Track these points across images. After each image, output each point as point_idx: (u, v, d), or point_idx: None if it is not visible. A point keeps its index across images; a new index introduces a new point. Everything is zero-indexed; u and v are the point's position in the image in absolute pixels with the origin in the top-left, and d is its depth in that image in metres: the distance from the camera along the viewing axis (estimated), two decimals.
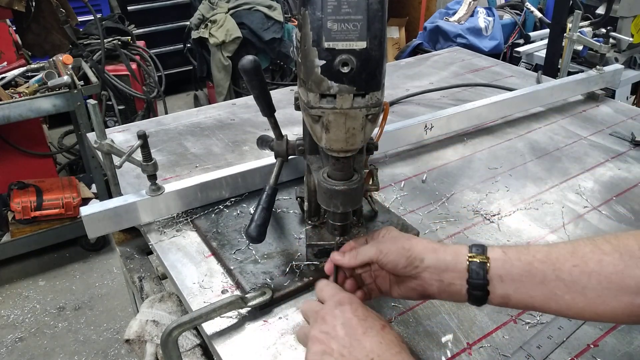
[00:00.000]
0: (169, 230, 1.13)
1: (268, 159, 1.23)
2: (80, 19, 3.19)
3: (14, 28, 2.88)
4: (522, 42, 3.73)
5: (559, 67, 1.92)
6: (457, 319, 0.91)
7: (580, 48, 2.83)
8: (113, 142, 1.08)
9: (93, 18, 3.13)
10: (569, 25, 1.76)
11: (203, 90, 4.57)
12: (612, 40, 1.81)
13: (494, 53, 3.61)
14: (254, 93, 0.92)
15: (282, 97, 1.81)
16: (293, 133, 1.46)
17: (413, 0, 5.11)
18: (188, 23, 4.06)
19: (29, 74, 2.73)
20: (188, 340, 0.97)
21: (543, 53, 3.00)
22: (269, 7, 3.83)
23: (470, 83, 1.93)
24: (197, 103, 4.60)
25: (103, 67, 3.21)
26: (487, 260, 0.71)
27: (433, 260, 0.74)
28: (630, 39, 2.60)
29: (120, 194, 1.19)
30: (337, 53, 0.65)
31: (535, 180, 1.35)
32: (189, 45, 4.22)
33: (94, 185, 2.99)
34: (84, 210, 1.07)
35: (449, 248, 0.75)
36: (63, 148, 3.67)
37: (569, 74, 1.82)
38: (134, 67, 3.43)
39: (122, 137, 1.54)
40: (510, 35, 3.92)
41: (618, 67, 1.85)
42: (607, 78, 1.82)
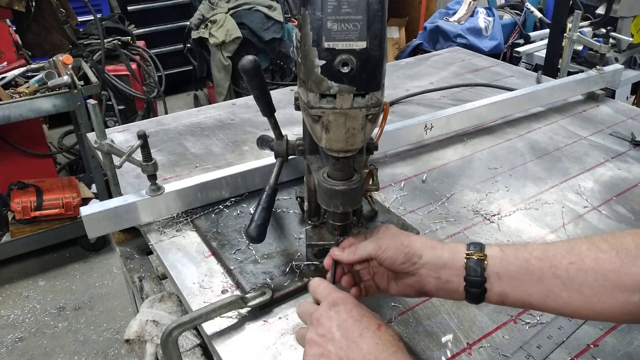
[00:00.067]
0: (169, 230, 1.13)
1: (268, 159, 1.23)
2: (80, 19, 3.19)
3: (14, 28, 2.88)
4: (522, 42, 3.73)
5: (559, 67, 1.92)
6: (457, 319, 0.91)
7: (580, 48, 2.83)
8: (113, 142, 1.08)
9: (93, 18, 3.14)
10: (569, 25, 1.76)
11: (203, 90, 4.57)
12: (612, 40, 1.81)
13: (494, 53, 3.61)
14: (254, 93, 0.92)
15: (282, 97, 1.81)
16: (293, 133, 1.46)
17: (413, 0, 5.11)
18: (188, 23, 4.06)
19: (29, 74, 2.73)
20: (188, 340, 0.97)
21: (543, 53, 3.00)
22: (269, 7, 3.83)
23: (470, 83, 1.93)
24: (197, 103, 4.60)
25: (103, 67, 3.21)
26: (484, 258, 0.71)
27: (431, 257, 0.74)
28: (630, 39, 2.60)
29: (120, 194, 1.19)
30: (337, 53, 0.65)
31: (535, 180, 1.35)
32: (189, 45, 4.22)
33: (94, 185, 2.99)
34: (84, 210, 1.07)
35: (447, 246, 0.76)
36: (63, 148, 3.67)
37: (569, 74, 1.82)
38: (134, 67, 3.43)
39: (122, 137, 1.54)
40: (510, 35, 3.92)
41: (618, 67, 1.85)
42: (607, 78, 1.82)
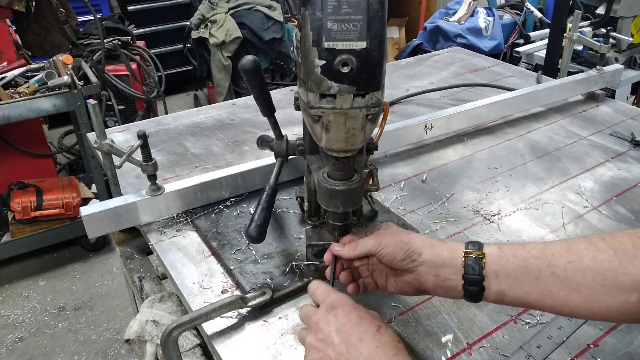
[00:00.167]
0: (169, 230, 1.13)
1: (268, 159, 1.23)
2: (80, 19, 3.19)
3: (14, 28, 2.88)
4: (522, 42, 3.73)
5: (559, 67, 1.92)
6: (457, 319, 0.91)
7: (580, 48, 2.83)
8: (113, 142, 1.08)
9: (93, 18, 3.13)
10: (569, 25, 1.76)
11: (203, 90, 4.57)
12: (612, 40, 1.81)
13: (494, 53, 3.61)
14: (254, 93, 0.92)
15: (282, 97, 1.81)
16: (293, 133, 1.46)
17: (413, 0, 5.11)
18: (188, 23, 4.06)
19: (29, 74, 2.73)
20: (188, 340, 0.97)
21: (543, 53, 3.00)
22: (269, 7, 3.83)
23: (470, 83, 1.93)
24: (197, 103, 4.60)
25: (103, 67, 3.21)
26: (482, 256, 0.72)
27: (430, 255, 0.75)
28: (630, 39, 2.61)
29: (120, 194, 1.19)
30: (337, 53, 0.65)
31: (535, 180, 1.35)
32: (189, 45, 4.22)
33: (94, 185, 2.99)
34: (84, 210, 1.07)
35: (446, 244, 0.76)
36: (63, 148, 3.67)
37: (569, 74, 1.82)
38: (134, 67, 3.43)
39: (122, 137, 1.54)
40: (510, 35, 3.92)
41: (618, 67, 1.85)
42: (607, 78, 1.82)
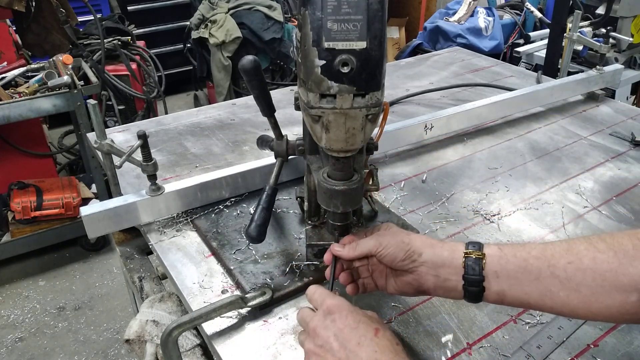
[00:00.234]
0: (169, 230, 1.13)
1: (268, 159, 1.23)
2: (80, 19, 3.19)
3: (14, 28, 2.88)
4: (522, 42, 3.73)
5: (559, 67, 1.92)
6: (457, 319, 0.91)
7: (580, 48, 2.83)
8: (113, 142, 1.08)
9: (93, 18, 3.13)
10: (569, 25, 1.76)
11: (203, 90, 4.57)
12: (612, 40, 1.81)
13: (494, 53, 3.61)
14: (254, 93, 0.92)
15: (282, 97, 1.81)
16: (293, 133, 1.46)
17: (413, 0, 5.11)
18: (188, 23, 4.06)
19: (29, 74, 2.73)
20: (188, 340, 0.97)
21: (543, 53, 3.00)
22: (269, 7, 3.83)
23: (470, 83, 1.93)
24: (197, 103, 4.60)
25: (103, 67, 3.21)
26: (483, 257, 0.72)
27: (430, 255, 0.75)
28: (630, 39, 2.61)
29: (120, 194, 1.19)
30: (337, 53, 0.65)
31: (535, 180, 1.35)
32: (189, 45, 4.22)
33: (94, 185, 2.99)
34: (84, 210, 1.07)
35: (447, 244, 0.76)
36: (63, 148, 3.67)
37: (569, 74, 1.82)
38: (134, 67, 3.43)
39: (122, 137, 1.54)
40: (510, 35, 3.92)
41: (618, 67, 1.85)
42: (607, 78, 1.82)
